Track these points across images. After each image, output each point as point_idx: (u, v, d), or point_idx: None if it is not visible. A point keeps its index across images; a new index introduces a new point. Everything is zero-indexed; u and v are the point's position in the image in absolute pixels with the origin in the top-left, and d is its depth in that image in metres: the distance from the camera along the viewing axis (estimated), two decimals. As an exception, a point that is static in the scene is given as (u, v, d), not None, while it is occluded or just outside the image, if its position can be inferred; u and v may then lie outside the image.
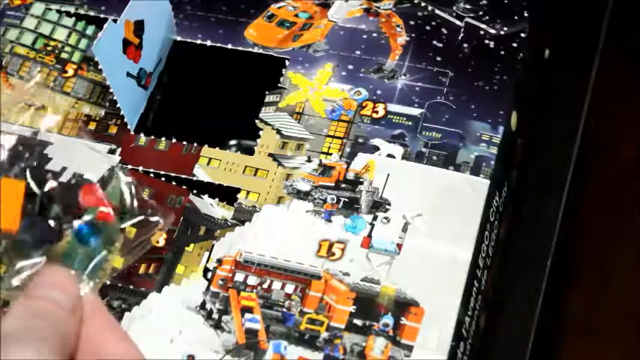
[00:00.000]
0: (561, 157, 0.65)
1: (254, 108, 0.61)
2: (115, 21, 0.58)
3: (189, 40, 0.64)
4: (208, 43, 0.64)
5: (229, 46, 0.64)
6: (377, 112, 0.61)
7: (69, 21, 0.66)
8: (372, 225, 0.57)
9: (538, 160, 0.65)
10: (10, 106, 0.63)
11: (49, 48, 0.65)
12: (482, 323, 0.58)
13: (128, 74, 0.61)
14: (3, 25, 0.66)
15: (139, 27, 0.61)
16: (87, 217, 0.49)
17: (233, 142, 0.61)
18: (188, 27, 0.65)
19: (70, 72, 0.64)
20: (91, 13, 0.67)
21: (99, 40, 0.57)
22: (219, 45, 0.64)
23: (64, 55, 0.65)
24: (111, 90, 0.59)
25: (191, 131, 0.61)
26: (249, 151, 0.60)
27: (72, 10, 0.67)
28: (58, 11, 0.67)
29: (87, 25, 0.66)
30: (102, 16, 0.66)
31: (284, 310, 0.54)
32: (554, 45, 0.68)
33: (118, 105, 0.60)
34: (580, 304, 0.67)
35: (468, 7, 0.64)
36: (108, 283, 0.56)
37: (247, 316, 0.54)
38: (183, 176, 0.60)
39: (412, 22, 0.64)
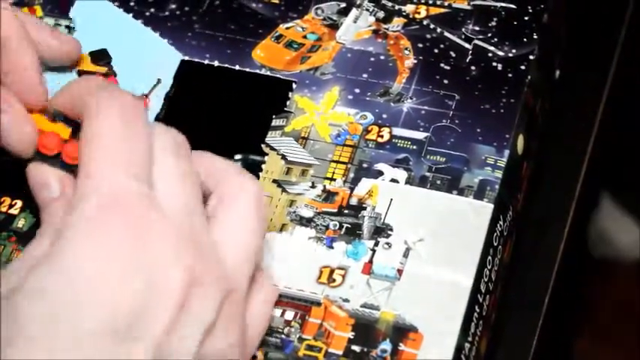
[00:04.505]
0: (569, 179, 0.65)
1: (260, 131, 0.61)
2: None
3: (196, 60, 0.64)
4: (216, 63, 0.64)
5: (237, 67, 0.64)
6: (382, 137, 0.61)
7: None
8: (374, 251, 0.57)
9: (545, 183, 0.65)
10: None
11: None
12: (483, 348, 0.58)
13: None
14: None
15: (100, 56, 0.62)
16: None
17: (238, 156, 0.61)
18: (196, 46, 0.65)
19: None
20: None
21: None
22: (226, 66, 0.64)
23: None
24: None
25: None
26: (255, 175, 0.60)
27: (66, 23, 0.66)
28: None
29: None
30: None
31: (283, 336, 0.55)
32: (565, 65, 0.68)
33: None
34: (580, 303, 0.67)
35: (477, 28, 0.64)
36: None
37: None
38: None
39: (420, 45, 0.63)
